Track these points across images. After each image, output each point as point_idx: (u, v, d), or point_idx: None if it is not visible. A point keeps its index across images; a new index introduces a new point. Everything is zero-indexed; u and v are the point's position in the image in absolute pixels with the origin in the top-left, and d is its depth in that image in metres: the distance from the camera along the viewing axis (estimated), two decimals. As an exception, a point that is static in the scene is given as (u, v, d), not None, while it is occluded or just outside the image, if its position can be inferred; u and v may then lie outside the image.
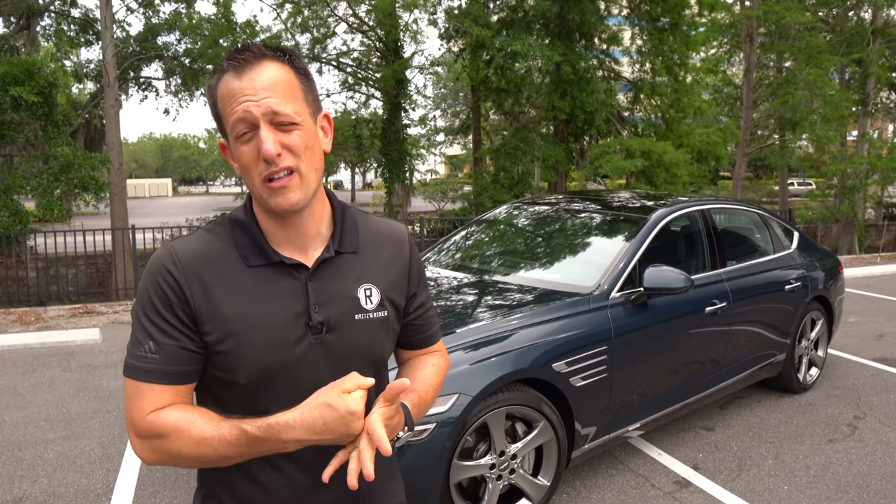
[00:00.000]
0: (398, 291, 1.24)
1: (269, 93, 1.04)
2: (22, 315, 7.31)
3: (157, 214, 29.22)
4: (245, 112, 1.03)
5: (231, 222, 1.15)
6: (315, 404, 1.01)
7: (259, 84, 1.04)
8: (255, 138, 1.05)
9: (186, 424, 1.04)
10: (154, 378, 1.06)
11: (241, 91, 1.04)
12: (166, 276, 1.08)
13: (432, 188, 26.91)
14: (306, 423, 1.01)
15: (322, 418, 1.00)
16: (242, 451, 1.04)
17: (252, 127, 1.04)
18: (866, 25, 18.45)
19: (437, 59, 20.87)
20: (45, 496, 3.35)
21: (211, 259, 1.11)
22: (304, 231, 1.14)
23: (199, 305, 1.08)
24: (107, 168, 13.35)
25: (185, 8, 17.26)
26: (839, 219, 18.49)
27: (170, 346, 1.07)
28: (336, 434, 1.02)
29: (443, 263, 4.19)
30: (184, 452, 1.04)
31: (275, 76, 1.05)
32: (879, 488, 3.48)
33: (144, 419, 1.06)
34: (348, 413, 1.00)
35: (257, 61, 1.05)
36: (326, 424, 1.00)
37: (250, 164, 1.06)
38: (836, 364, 5.63)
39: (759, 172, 40.30)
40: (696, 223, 4.25)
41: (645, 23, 16.89)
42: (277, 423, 1.01)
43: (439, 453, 2.64)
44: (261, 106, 1.03)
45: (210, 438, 1.03)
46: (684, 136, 16.58)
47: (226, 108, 1.06)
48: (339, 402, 1.00)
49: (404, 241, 1.28)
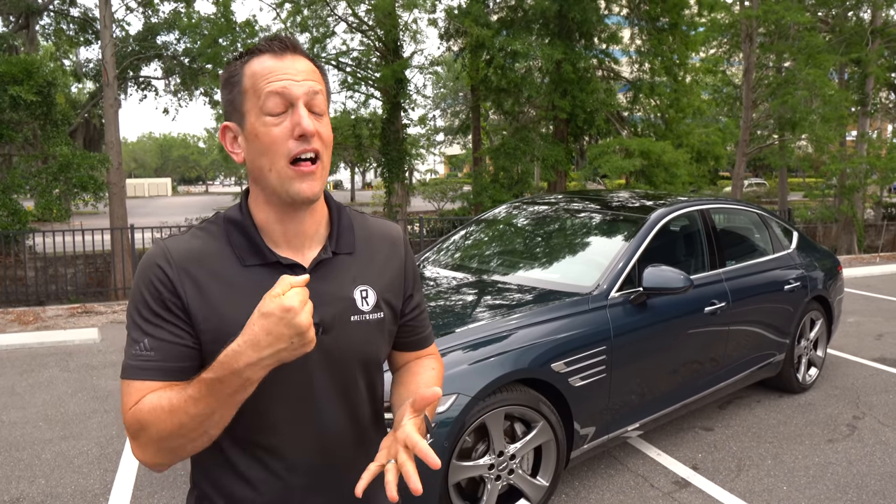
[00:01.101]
0: (394, 293, 1.23)
1: (307, 76, 1.07)
2: (20, 315, 7.30)
3: (157, 214, 29.21)
4: (284, 88, 1.04)
5: (226, 221, 1.14)
6: (252, 320, 0.94)
7: (301, 67, 1.07)
8: (289, 117, 1.05)
9: (158, 400, 1.01)
10: (146, 375, 1.04)
11: (281, 69, 1.05)
12: (158, 274, 1.06)
13: (432, 188, 26.89)
14: (250, 341, 0.93)
15: (263, 329, 0.92)
16: (211, 402, 0.97)
17: (287, 105, 1.05)
18: (865, 25, 18.46)
19: (436, 59, 20.87)
20: (42, 496, 3.34)
21: (204, 258, 1.09)
22: (303, 230, 1.13)
23: (192, 303, 1.06)
24: (106, 167, 13.34)
25: (185, 7, 17.24)
26: (838, 219, 18.50)
27: (164, 342, 1.05)
28: (286, 339, 0.93)
29: (442, 263, 4.19)
30: (164, 431, 1.00)
31: (309, 67, 1.09)
32: (879, 488, 3.47)
33: (127, 413, 1.03)
34: (283, 311, 0.91)
35: (295, 51, 1.08)
36: (270, 333, 0.92)
37: (278, 142, 1.04)
38: (835, 364, 5.62)
39: (758, 172, 40.33)
40: (696, 223, 4.25)
41: (644, 22, 16.89)
42: (225, 355, 0.95)
43: (438, 453, 2.63)
44: (302, 85, 1.05)
45: (178, 402, 0.99)
46: (684, 136, 16.58)
47: (258, 84, 1.05)
48: (271, 306, 0.92)
49: (399, 241, 1.28)
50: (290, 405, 1.12)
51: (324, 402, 1.14)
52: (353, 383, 1.18)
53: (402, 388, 1.26)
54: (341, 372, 1.15)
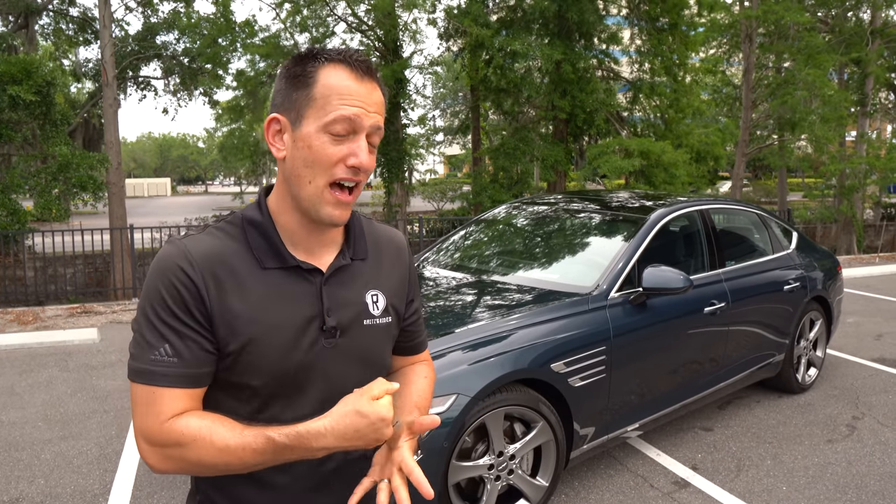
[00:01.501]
0: (399, 297, 1.25)
1: (378, 109, 1.08)
2: (20, 315, 7.30)
3: (156, 214, 29.20)
4: (356, 116, 1.04)
5: (245, 222, 1.12)
6: (345, 412, 1.01)
7: (375, 99, 1.07)
8: (350, 143, 1.05)
9: (208, 432, 1.01)
10: (172, 382, 1.02)
11: (358, 95, 1.04)
12: (180, 276, 1.03)
13: (431, 188, 26.88)
14: (337, 431, 1.00)
15: (353, 426, 1.00)
16: (268, 458, 1.02)
17: (352, 131, 1.05)
18: (865, 26, 18.46)
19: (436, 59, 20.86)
20: (41, 497, 3.34)
21: (224, 259, 1.08)
22: (326, 238, 1.15)
23: (214, 306, 1.05)
24: (105, 167, 13.34)
25: (184, 7, 17.25)
26: (838, 219, 18.50)
27: (189, 347, 1.03)
28: (366, 441, 1.01)
29: (442, 263, 4.18)
30: (205, 461, 1.01)
31: (381, 99, 1.10)
32: (878, 489, 3.47)
33: (162, 426, 1.01)
34: (380, 420, 1.00)
35: (374, 78, 1.08)
36: (358, 431, 1.00)
37: (329, 162, 1.05)
38: (834, 364, 5.62)
39: (757, 173, 40.33)
40: (695, 223, 4.25)
41: (644, 23, 16.89)
42: (308, 431, 1.00)
43: (437, 454, 2.64)
44: (371, 118, 1.06)
45: (234, 447, 1.00)
46: (683, 136, 16.59)
47: (332, 98, 1.03)
48: (370, 410, 1.00)
49: (404, 247, 1.30)
50: (310, 407, 1.11)
51: (334, 404, 1.14)
52: (363, 386, 1.18)
53: (395, 395, 1.25)
54: (355, 374, 1.15)
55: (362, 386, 1.17)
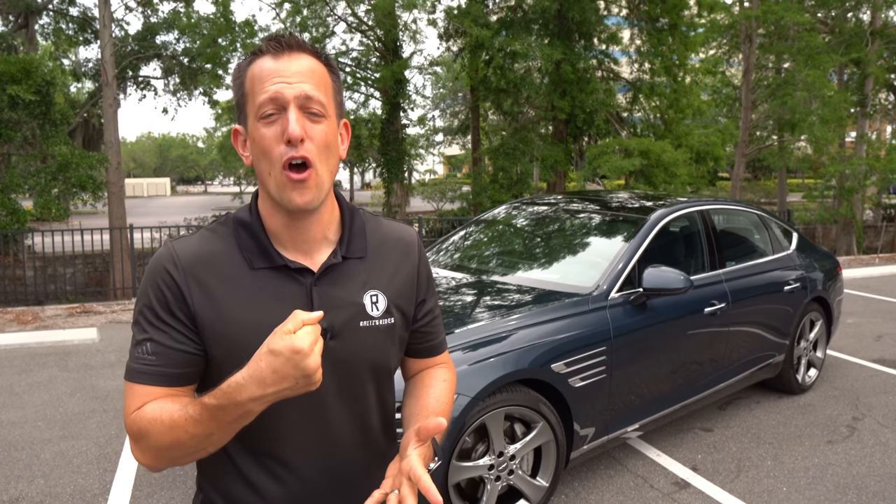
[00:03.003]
0: (406, 298, 1.21)
1: (303, 78, 1.03)
2: (19, 314, 7.29)
3: (156, 214, 29.19)
4: (277, 93, 1.02)
5: (235, 223, 1.12)
6: (259, 355, 0.92)
7: (295, 68, 1.03)
8: (281, 120, 1.02)
9: (160, 412, 1.00)
10: (146, 379, 1.04)
11: (276, 72, 1.03)
12: (165, 278, 1.06)
13: (431, 188, 26.90)
14: (255, 376, 0.91)
15: (269, 367, 0.90)
16: (211, 426, 0.96)
17: (280, 109, 1.02)
18: (865, 26, 18.47)
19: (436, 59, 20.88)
20: (41, 496, 3.34)
21: (212, 260, 1.08)
22: (310, 236, 1.12)
23: (198, 308, 1.05)
24: (105, 167, 13.33)
25: (184, 7, 17.24)
26: (838, 220, 18.50)
27: (166, 347, 1.05)
28: (291, 380, 0.91)
29: (441, 263, 4.18)
30: (162, 442, 1.00)
31: (311, 66, 1.05)
32: (878, 489, 3.47)
33: (131, 419, 1.04)
34: (293, 352, 0.89)
35: (295, 50, 1.05)
36: (276, 372, 0.90)
37: (271, 146, 1.02)
38: (834, 365, 5.62)
39: (757, 173, 40.34)
40: (696, 224, 4.24)
41: (644, 23, 16.90)
42: (229, 385, 0.93)
43: (438, 454, 2.63)
44: (294, 88, 1.02)
45: (178, 419, 0.98)
46: (683, 136, 16.59)
47: (255, 87, 1.04)
48: (281, 344, 0.89)
49: (413, 245, 1.25)
50: (299, 412, 1.10)
51: (332, 408, 1.13)
52: (362, 390, 1.16)
53: (412, 401, 1.23)
54: (350, 378, 1.13)
55: (360, 391, 1.16)
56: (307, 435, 1.12)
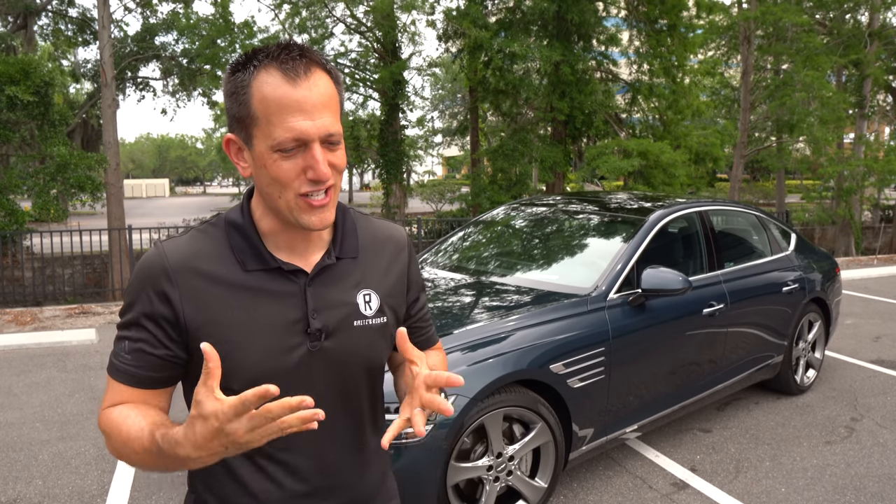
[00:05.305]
0: (397, 296, 1.22)
1: (324, 111, 0.99)
2: (18, 315, 7.29)
3: (154, 215, 29.18)
4: (302, 133, 0.97)
5: (227, 224, 1.11)
6: (191, 417, 0.88)
7: (316, 98, 0.98)
8: (303, 155, 0.99)
9: (121, 423, 1.00)
10: (120, 377, 1.06)
11: (296, 105, 0.97)
12: (152, 281, 1.04)
13: (430, 189, 26.90)
14: (189, 437, 0.88)
15: (201, 432, 0.87)
16: (156, 461, 0.95)
17: (302, 144, 0.99)
18: (863, 28, 18.48)
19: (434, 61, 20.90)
20: (39, 497, 3.33)
21: (204, 262, 1.07)
22: (310, 238, 1.12)
23: (188, 312, 1.04)
24: (103, 168, 13.33)
25: (183, 8, 17.24)
26: (836, 221, 18.52)
27: (141, 350, 1.05)
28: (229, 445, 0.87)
29: (440, 264, 4.18)
30: (121, 452, 1.00)
31: (327, 90, 1.00)
32: (877, 490, 3.48)
33: (100, 413, 1.05)
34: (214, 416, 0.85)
35: (309, 69, 0.99)
36: (206, 436, 0.87)
37: (289, 178, 1.00)
38: (833, 366, 5.63)
39: (755, 174, 40.38)
40: (694, 225, 4.25)
41: (643, 24, 16.92)
42: (173, 436, 0.90)
43: (436, 455, 2.63)
44: (318, 128, 0.98)
45: (134, 440, 0.97)
46: (682, 137, 16.61)
47: (271, 116, 0.97)
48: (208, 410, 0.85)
49: (403, 244, 1.26)
50: None
51: (326, 407, 1.12)
52: (355, 388, 1.17)
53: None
54: (344, 377, 1.13)
55: (353, 389, 1.16)
56: (301, 433, 1.11)
